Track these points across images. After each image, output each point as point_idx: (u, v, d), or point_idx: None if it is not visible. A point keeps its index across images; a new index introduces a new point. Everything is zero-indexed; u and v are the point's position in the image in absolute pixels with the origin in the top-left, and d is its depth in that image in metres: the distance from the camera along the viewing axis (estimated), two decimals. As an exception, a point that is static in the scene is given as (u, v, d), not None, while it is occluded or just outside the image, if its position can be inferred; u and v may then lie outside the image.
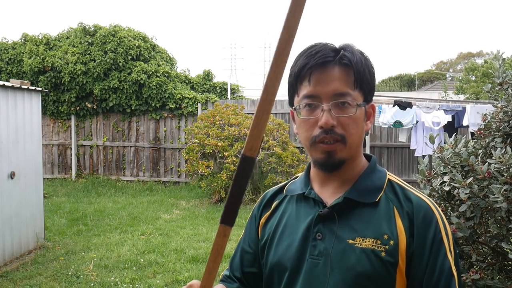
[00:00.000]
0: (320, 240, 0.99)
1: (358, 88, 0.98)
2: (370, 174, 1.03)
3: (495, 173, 1.92)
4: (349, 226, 0.98)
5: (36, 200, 5.30)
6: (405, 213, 0.97)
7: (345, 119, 0.97)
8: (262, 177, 8.00)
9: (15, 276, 4.39)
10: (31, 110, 5.24)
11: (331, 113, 0.96)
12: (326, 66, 0.97)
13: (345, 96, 0.96)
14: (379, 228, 0.96)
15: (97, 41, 9.71)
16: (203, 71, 10.88)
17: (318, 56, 0.97)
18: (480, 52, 38.44)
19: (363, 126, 1.01)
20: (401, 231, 0.95)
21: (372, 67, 1.02)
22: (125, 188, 9.32)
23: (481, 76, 18.97)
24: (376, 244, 0.95)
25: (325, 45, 1.00)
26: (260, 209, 1.18)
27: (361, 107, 0.99)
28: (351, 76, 0.97)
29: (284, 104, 9.51)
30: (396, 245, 0.94)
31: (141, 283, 4.28)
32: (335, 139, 0.97)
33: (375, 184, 1.02)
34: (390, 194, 1.01)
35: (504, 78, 2.33)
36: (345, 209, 0.99)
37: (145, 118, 9.96)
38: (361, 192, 1.00)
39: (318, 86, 0.97)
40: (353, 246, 0.96)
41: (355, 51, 0.99)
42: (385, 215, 0.97)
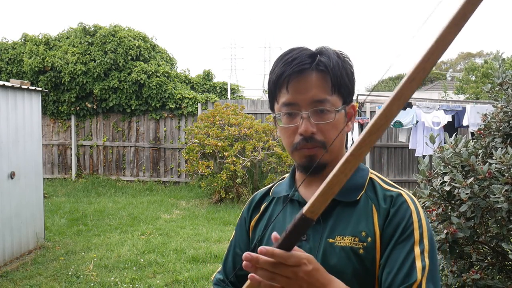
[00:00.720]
0: (305, 241, 1.00)
1: (336, 93, 0.99)
2: (353, 173, 1.03)
3: (496, 173, 1.92)
4: (330, 226, 0.99)
5: (36, 200, 5.30)
6: (383, 210, 0.98)
7: (325, 126, 0.98)
8: (262, 177, 8.00)
9: (15, 276, 4.38)
10: (31, 110, 5.24)
11: (310, 120, 0.97)
12: (303, 74, 0.97)
13: (323, 102, 0.97)
14: (357, 226, 0.97)
15: (97, 41, 9.71)
16: (203, 71, 10.88)
17: (294, 64, 0.97)
18: (480, 52, 38.44)
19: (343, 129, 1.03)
20: (377, 228, 0.96)
21: (350, 68, 1.03)
22: (125, 188, 9.32)
23: (481, 76, 18.97)
24: (354, 241, 0.96)
25: (301, 51, 1.00)
26: (249, 212, 1.19)
27: (339, 112, 1.00)
28: (328, 81, 0.98)
29: (284, 104, 9.50)
30: (374, 241, 0.95)
31: (141, 283, 4.28)
32: (315, 146, 0.98)
33: (356, 183, 1.03)
34: (370, 193, 1.02)
35: (504, 78, 2.33)
36: (327, 209, 0.98)
37: (145, 118, 9.96)
38: (342, 191, 0.97)
39: (296, 94, 0.98)
40: (333, 245, 0.97)
41: (331, 55, 0.99)
42: (363, 213, 0.99)
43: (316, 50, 1.01)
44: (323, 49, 1.01)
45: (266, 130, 7.80)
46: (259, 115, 9.28)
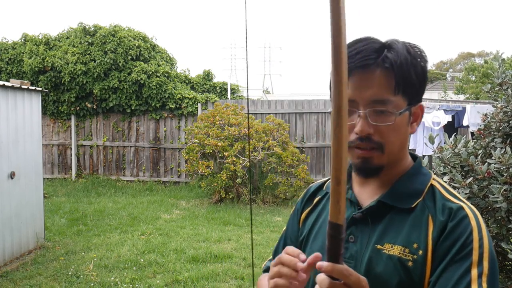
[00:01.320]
0: (352, 243, 0.96)
1: (400, 93, 0.91)
2: (411, 177, 0.97)
3: (495, 173, 1.92)
4: (380, 231, 0.93)
5: (36, 200, 5.30)
6: (440, 223, 0.89)
7: (384, 128, 0.90)
8: (262, 177, 8.00)
9: (15, 276, 4.39)
10: (31, 110, 5.24)
11: (367, 120, 0.90)
12: (365, 70, 0.90)
13: (384, 103, 0.90)
14: (410, 236, 0.90)
15: (97, 41, 9.71)
16: (203, 71, 10.88)
17: (358, 58, 0.90)
18: (480, 52, 38.43)
19: (406, 131, 0.94)
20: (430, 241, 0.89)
21: (420, 64, 0.93)
22: (125, 188, 9.32)
23: (481, 76, 18.97)
24: (404, 252, 0.89)
25: (368, 44, 0.92)
26: (302, 204, 1.15)
27: (402, 114, 0.91)
28: (393, 80, 0.90)
29: (284, 104, 9.51)
30: (425, 255, 0.88)
31: (141, 283, 4.28)
32: (371, 147, 0.91)
33: (414, 189, 0.95)
34: (428, 201, 0.93)
35: (503, 78, 2.33)
36: (379, 213, 0.95)
37: (145, 118, 9.96)
38: (397, 196, 0.95)
39: (355, 91, 0.91)
40: (380, 252, 0.91)
41: (400, 50, 0.91)
42: (418, 223, 0.91)
43: (385, 43, 0.93)
44: (392, 43, 0.93)
45: (266, 130, 7.80)
46: (259, 115, 9.29)
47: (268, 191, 7.81)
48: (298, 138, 9.41)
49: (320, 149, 9.45)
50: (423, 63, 0.94)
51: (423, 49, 0.96)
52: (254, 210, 7.35)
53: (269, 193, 7.79)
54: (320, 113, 9.44)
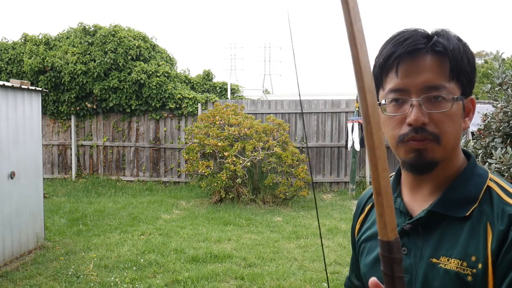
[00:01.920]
0: (405, 255, 0.89)
1: (454, 80, 0.85)
2: (465, 181, 0.89)
3: (496, 173, 1.92)
4: (434, 243, 0.87)
5: (36, 200, 5.30)
6: (497, 231, 0.81)
7: (439, 115, 0.83)
8: (262, 177, 8.00)
9: (15, 276, 4.38)
10: (31, 110, 5.24)
11: (421, 108, 0.83)
12: (416, 55, 0.84)
13: (438, 89, 0.83)
14: (467, 248, 0.82)
15: (97, 41, 9.70)
16: (203, 71, 10.88)
17: (407, 43, 0.84)
18: (481, 52, 38.42)
19: (460, 124, 0.87)
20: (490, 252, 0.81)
21: (472, 55, 0.88)
22: (125, 188, 9.32)
23: (481, 76, 18.97)
24: (462, 266, 0.82)
25: (415, 30, 0.87)
26: (356, 215, 1.11)
27: (458, 102, 0.85)
28: (447, 65, 0.84)
29: (284, 104, 9.51)
30: (485, 268, 0.80)
31: (141, 283, 4.28)
32: (426, 138, 0.84)
33: (468, 194, 0.86)
34: (485, 206, 0.84)
35: (503, 78, 2.33)
36: (431, 223, 0.88)
37: (145, 118, 9.95)
38: (450, 203, 0.87)
39: (406, 78, 0.84)
40: (436, 266, 0.85)
41: (451, 37, 0.86)
42: (475, 233, 0.83)
43: (433, 31, 0.88)
44: (441, 31, 0.87)
45: (266, 130, 7.79)
46: (259, 115, 9.28)
47: (268, 191, 7.81)
48: (298, 138, 9.41)
49: (320, 149, 9.44)
50: (472, 56, 0.89)
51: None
52: (254, 210, 7.35)
53: (269, 193, 7.79)
54: (320, 113, 9.43)
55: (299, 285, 4.26)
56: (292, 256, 5.10)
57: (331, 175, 9.44)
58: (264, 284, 4.28)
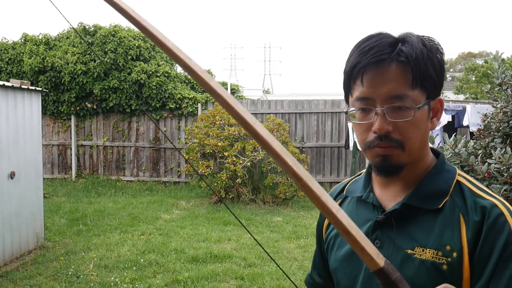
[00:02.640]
0: (378, 248, 0.91)
1: (418, 87, 0.87)
2: (436, 176, 0.93)
3: (495, 173, 1.92)
4: (409, 234, 0.89)
5: (36, 200, 5.30)
6: (472, 222, 0.85)
7: (403, 124, 0.86)
8: (262, 177, 8.00)
9: (15, 276, 4.39)
10: (31, 110, 5.24)
11: (385, 117, 0.86)
12: (380, 65, 0.86)
13: (402, 98, 0.86)
14: (441, 238, 0.86)
15: (97, 41, 9.71)
16: (203, 71, 10.86)
17: (371, 54, 0.86)
18: (481, 52, 38.42)
19: (426, 127, 0.90)
20: (465, 242, 0.84)
21: (437, 57, 0.90)
22: (125, 188, 9.32)
23: (481, 76, 18.98)
24: (437, 255, 0.85)
25: (381, 39, 0.88)
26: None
27: (422, 108, 0.88)
28: (410, 74, 0.86)
29: (284, 104, 9.51)
30: (460, 257, 0.84)
31: (141, 283, 4.28)
32: (391, 145, 0.87)
33: (439, 188, 0.91)
34: (457, 199, 0.89)
35: (503, 78, 2.33)
36: (405, 216, 0.91)
37: (145, 118, 9.95)
38: (423, 197, 0.91)
39: (371, 88, 0.87)
40: (411, 256, 0.87)
41: (415, 43, 0.87)
42: (449, 223, 0.87)
43: (399, 37, 0.89)
44: (406, 36, 0.89)
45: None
46: (259, 115, 9.29)
47: (268, 191, 7.81)
48: (298, 138, 9.41)
49: (320, 149, 9.44)
50: (440, 55, 0.91)
51: (438, 41, 0.92)
52: (254, 210, 7.35)
53: (269, 193, 7.79)
54: (320, 113, 9.44)
55: (299, 285, 4.27)
56: (292, 256, 5.10)
57: (331, 175, 9.45)
58: (264, 284, 4.29)
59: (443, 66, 0.91)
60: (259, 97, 14.68)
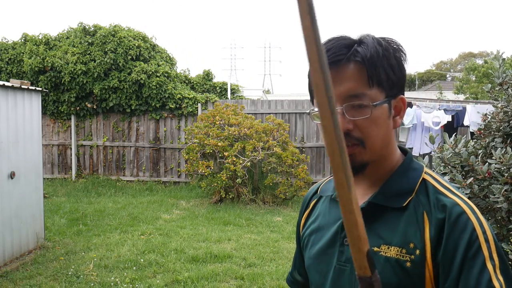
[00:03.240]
0: (347, 246, 0.94)
1: (375, 86, 0.89)
2: (402, 174, 0.95)
3: (496, 173, 1.91)
4: (375, 232, 0.91)
5: (36, 200, 5.30)
6: (435, 220, 0.86)
7: (362, 121, 0.89)
8: (262, 177, 8.00)
9: (15, 276, 4.38)
10: (31, 110, 5.24)
11: (345, 116, 0.89)
12: (337, 66, 0.89)
13: (359, 97, 0.88)
14: (405, 236, 0.88)
15: (97, 41, 9.70)
16: (203, 71, 10.87)
17: (328, 55, 0.88)
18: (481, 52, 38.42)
19: (387, 125, 0.92)
20: (427, 239, 0.86)
21: (396, 56, 0.92)
22: (125, 188, 9.32)
23: (481, 76, 18.98)
24: (401, 253, 0.87)
25: (338, 41, 0.91)
26: (301, 209, 1.16)
27: (381, 106, 0.90)
28: (365, 74, 0.89)
29: (284, 104, 9.51)
30: (423, 255, 0.86)
31: (141, 283, 4.28)
32: (352, 143, 0.90)
33: (405, 186, 0.93)
34: (421, 197, 0.91)
35: (504, 78, 2.33)
36: (371, 214, 0.93)
37: (145, 118, 9.95)
38: (388, 195, 0.93)
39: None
40: (378, 254, 0.89)
41: (371, 44, 0.90)
42: (413, 221, 0.89)
43: (356, 39, 0.92)
44: (363, 38, 0.91)
45: (266, 130, 7.79)
46: (259, 115, 9.28)
47: (268, 191, 7.81)
48: (298, 138, 9.41)
49: (320, 149, 9.44)
50: (398, 54, 0.92)
51: (399, 42, 0.94)
52: (254, 210, 7.35)
53: (269, 193, 7.79)
54: (320, 113, 9.42)
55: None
56: (292, 256, 5.10)
57: (331, 175, 9.45)
58: (264, 284, 4.28)
59: (402, 65, 0.93)
60: (259, 97, 14.67)
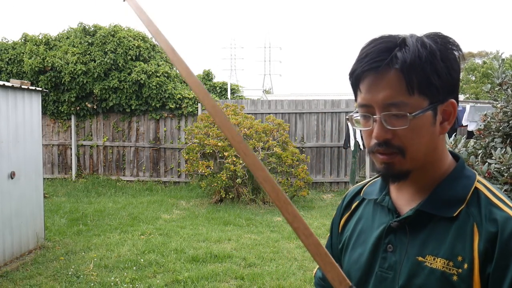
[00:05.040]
0: (391, 252, 0.92)
1: (417, 93, 0.83)
2: (453, 182, 0.90)
3: (495, 173, 1.92)
4: (421, 241, 0.88)
5: (36, 200, 5.30)
6: (486, 233, 0.82)
7: (402, 131, 0.84)
8: (262, 177, 7.99)
9: (15, 276, 4.39)
10: (31, 110, 5.24)
11: (383, 125, 0.85)
12: (375, 72, 0.85)
13: (398, 105, 0.84)
14: (453, 248, 0.84)
15: (97, 41, 9.70)
16: (203, 71, 10.88)
17: (365, 61, 0.85)
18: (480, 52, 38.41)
19: (430, 132, 0.87)
20: (476, 253, 0.82)
21: (445, 59, 0.85)
22: (125, 188, 9.32)
23: (481, 76, 18.98)
24: (448, 266, 0.84)
25: (379, 44, 0.86)
26: (341, 209, 1.12)
27: (422, 115, 0.84)
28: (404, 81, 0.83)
29: (284, 104, 9.51)
30: (471, 269, 0.82)
31: (141, 283, 4.28)
32: (391, 152, 0.86)
33: (456, 195, 0.88)
34: (473, 208, 0.86)
35: (503, 78, 2.33)
36: (418, 222, 0.90)
37: (145, 118, 9.95)
38: (438, 203, 0.89)
39: (368, 94, 0.86)
40: (422, 264, 0.86)
41: (414, 47, 0.83)
42: (462, 233, 0.84)
43: (399, 40, 0.86)
44: (406, 38, 0.85)
45: (266, 130, 7.79)
46: (259, 115, 9.29)
47: (268, 191, 7.80)
48: (298, 138, 9.41)
49: (320, 149, 9.44)
50: (448, 55, 0.86)
51: (452, 40, 0.88)
52: (254, 210, 7.35)
53: (269, 193, 7.79)
54: (320, 113, 9.43)
55: (299, 285, 4.27)
56: (292, 256, 5.10)
57: (331, 175, 9.45)
58: (264, 284, 4.29)
59: (453, 67, 0.86)
60: (259, 97, 14.67)
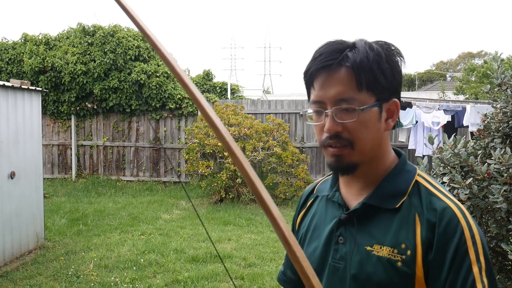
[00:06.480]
0: (342, 244, 0.98)
1: (365, 90, 0.91)
2: (395, 176, 0.98)
3: (495, 173, 1.92)
4: (368, 232, 0.95)
5: (36, 200, 5.30)
6: (426, 221, 0.90)
7: (351, 124, 0.92)
8: (262, 177, 8.00)
9: (15, 276, 4.39)
10: (31, 110, 5.24)
11: (334, 119, 0.92)
12: (327, 70, 0.92)
13: (348, 100, 0.91)
14: (397, 236, 0.92)
15: (97, 42, 9.71)
16: (203, 71, 10.88)
17: (319, 60, 0.93)
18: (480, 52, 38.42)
19: (377, 127, 0.94)
20: (419, 240, 0.90)
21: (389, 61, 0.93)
22: (125, 188, 9.32)
23: (481, 76, 18.98)
24: (393, 253, 0.91)
25: (331, 45, 0.94)
26: (298, 208, 1.19)
27: (371, 109, 0.92)
28: (354, 78, 0.91)
29: (284, 104, 9.52)
30: (414, 255, 0.90)
31: (141, 283, 4.29)
32: (341, 144, 0.93)
33: (398, 188, 0.96)
34: (414, 199, 0.94)
35: (503, 79, 2.33)
36: (365, 214, 0.97)
37: (145, 118, 9.96)
38: (382, 196, 0.96)
39: (321, 91, 0.93)
40: (370, 253, 0.93)
41: (362, 48, 0.91)
42: (405, 223, 0.92)
43: (350, 43, 0.94)
44: (356, 42, 0.94)
45: (266, 130, 7.80)
46: (259, 115, 9.29)
47: (268, 191, 7.78)
48: (298, 138, 9.42)
49: (320, 149, 9.44)
50: (392, 58, 0.94)
51: (395, 47, 0.96)
52: (254, 210, 7.36)
53: (269, 193, 7.75)
54: (320, 113, 9.43)
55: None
56: (292, 256, 5.10)
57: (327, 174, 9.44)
58: (264, 284, 4.29)
59: (396, 69, 0.94)
60: (259, 97, 14.68)
